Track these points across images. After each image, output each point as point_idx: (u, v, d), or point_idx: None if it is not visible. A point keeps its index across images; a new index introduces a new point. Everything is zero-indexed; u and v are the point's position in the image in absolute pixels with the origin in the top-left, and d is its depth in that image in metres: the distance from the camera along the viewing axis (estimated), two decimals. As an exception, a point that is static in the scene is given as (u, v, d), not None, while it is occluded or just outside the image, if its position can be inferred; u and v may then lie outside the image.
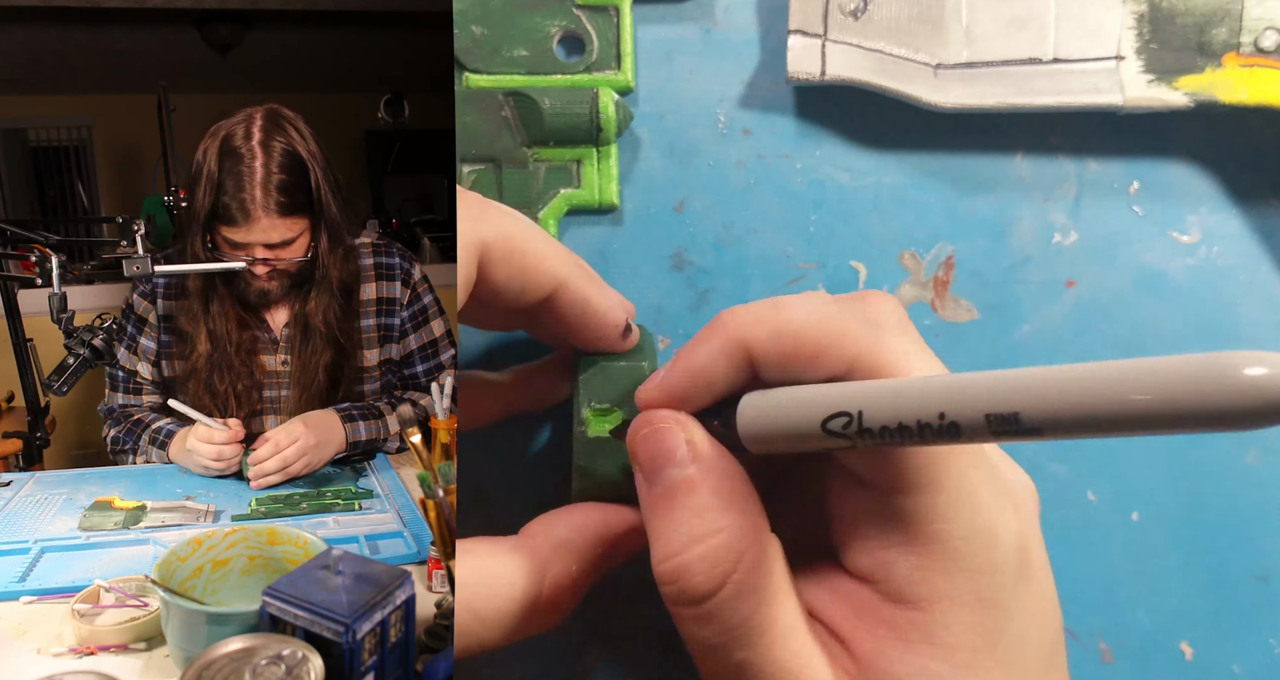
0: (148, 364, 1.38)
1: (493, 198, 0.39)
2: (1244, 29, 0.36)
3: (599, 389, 0.34)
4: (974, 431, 0.22)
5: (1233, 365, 0.19)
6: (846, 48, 0.38)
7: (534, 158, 0.39)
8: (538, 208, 0.39)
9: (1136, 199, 0.38)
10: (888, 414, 0.24)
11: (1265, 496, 0.38)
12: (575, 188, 0.39)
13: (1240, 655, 0.38)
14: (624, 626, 0.39)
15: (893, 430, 0.24)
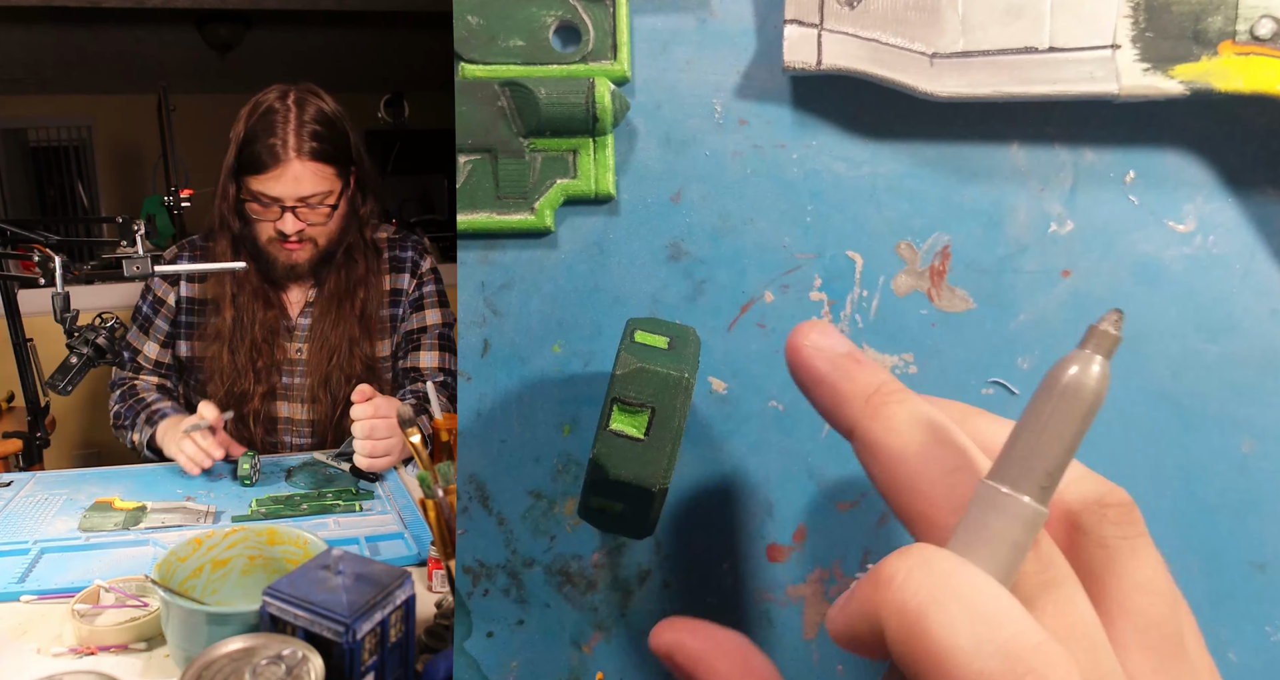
0: (155, 345, 1.39)
1: (489, 188, 0.39)
2: (1240, 17, 0.36)
3: (632, 388, 0.33)
4: None
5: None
6: (842, 37, 0.37)
7: (530, 148, 0.39)
8: (534, 198, 0.39)
9: (1132, 188, 0.38)
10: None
11: (1261, 485, 0.38)
12: (572, 178, 0.39)
13: (1236, 643, 0.38)
14: (623, 617, 0.39)
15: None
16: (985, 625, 0.21)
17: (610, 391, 0.33)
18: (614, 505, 0.34)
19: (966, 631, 0.21)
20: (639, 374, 0.33)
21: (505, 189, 0.38)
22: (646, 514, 0.34)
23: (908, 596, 0.22)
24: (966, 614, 0.22)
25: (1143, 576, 0.26)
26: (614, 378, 0.33)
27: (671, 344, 0.34)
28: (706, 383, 0.39)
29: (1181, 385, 0.38)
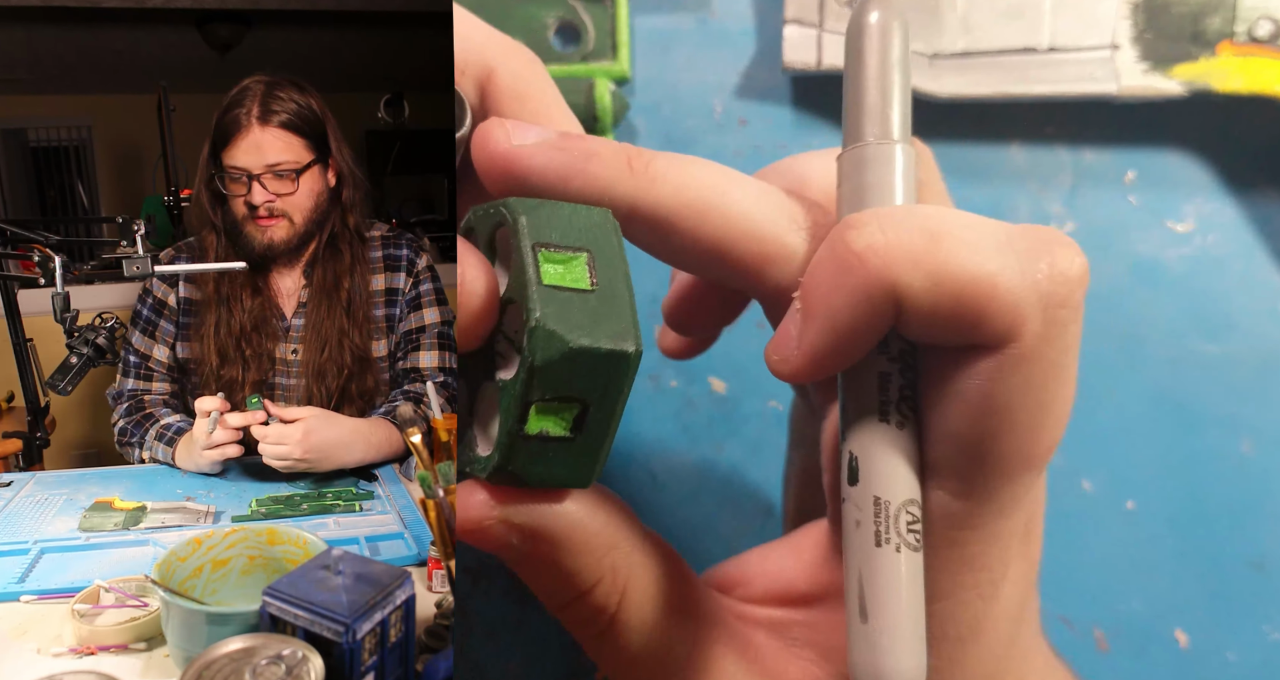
0: (165, 348, 1.38)
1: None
2: (1238, 18, 0.36)
3: (556, 383, 0.23)
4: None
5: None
6: (842, 37, 0.38)
7: (530, 148, 0.38)
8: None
9: (1132, 188, 0.38)
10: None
11: (1260, 485, 0.38)
12: (571, 179, 0.39)
13: (1235, 642, 0.38)
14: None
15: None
16: (986, 231, 0.22)
17: (525, 389, 0.22)
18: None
19: (976, 242, 0.22)
20: (568, 361, 0.22)
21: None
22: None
23: (907, 248, 0.22)
24: (968, 231, 0.22)
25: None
26: (531, 367, 0.22)
27: (592, 269, 0.24)
28: (706, 383, 0.39)
29: (1181, 385, 0.38)
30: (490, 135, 0.25)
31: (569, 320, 0.22)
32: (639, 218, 0.25)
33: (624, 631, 0.26)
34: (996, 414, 0.22)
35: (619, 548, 0.26)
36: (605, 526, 0.26)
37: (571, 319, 0.22)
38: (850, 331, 0.22)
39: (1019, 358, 0.22)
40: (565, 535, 0.25)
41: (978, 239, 0.22)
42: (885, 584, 0.23)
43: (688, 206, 0.25)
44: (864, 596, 0.24)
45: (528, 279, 0.22)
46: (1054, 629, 0.35)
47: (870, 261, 0.22)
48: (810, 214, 0.25)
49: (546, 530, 0.25)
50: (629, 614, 0.26)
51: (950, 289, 0.21)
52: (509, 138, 0.24)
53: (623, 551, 0.26)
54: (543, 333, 0.22)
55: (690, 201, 0.25)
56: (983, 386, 0.22)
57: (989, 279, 0.21)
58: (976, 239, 0.22)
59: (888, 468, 0.24)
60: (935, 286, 0.21)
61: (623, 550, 0.26)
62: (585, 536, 0.25)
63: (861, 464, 0.24)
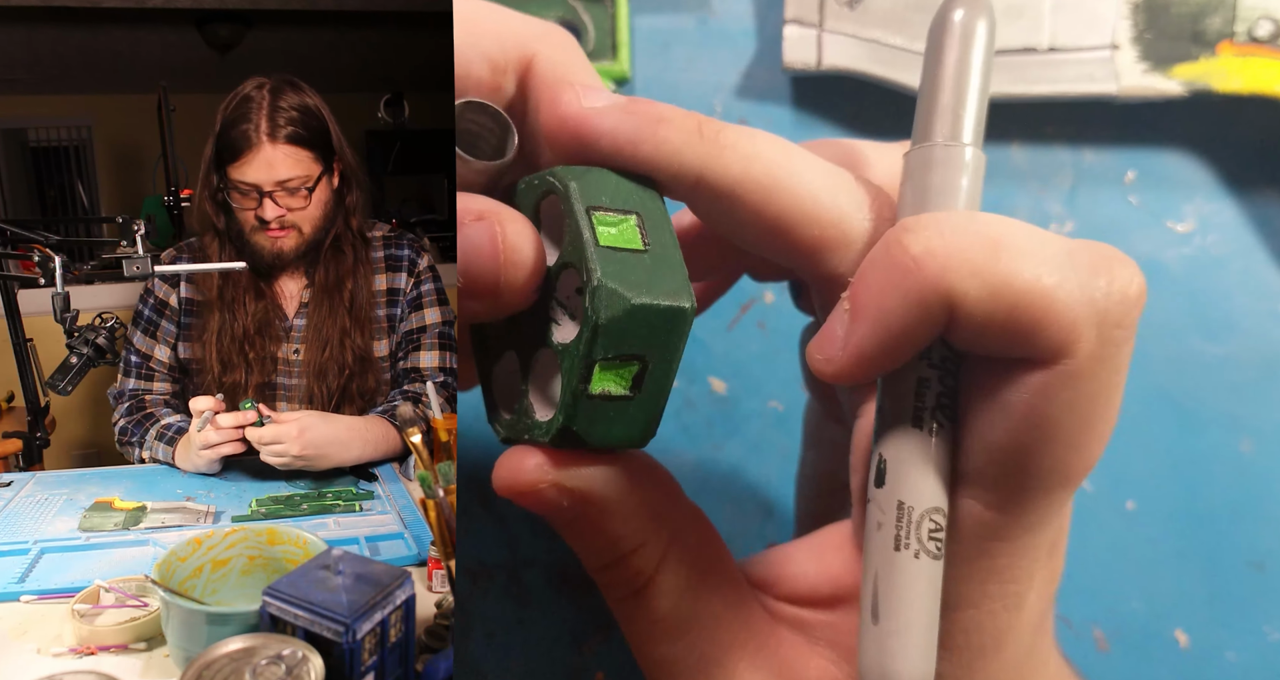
0: (166, 348, 1.38)
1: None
2: (1238, 18, 0.36)
3: (622, 338, 0.23)
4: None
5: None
6: (842, 37, 0.38)
7: (530, 148, 0.38)
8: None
9: (1132, 188, 0.38)
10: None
11: (1260, 484, 0.38)
12: (571, 179, 0.39)
13: (1235, 642, 0.38)
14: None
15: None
16: (1048, 244, 0.22)
17: (589, 349, 0.23)
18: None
19: (1037, 254, 0.21)
20: (630, 318, 0.23)
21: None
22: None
23: (966, 255, 0.21)
24: (1029, 242, 0.21)
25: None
26: (595, 326, 0.23)
27: (643, 230, 0.24)
28: (706, 383, 0.39)
29: (1181, 385, 0.38)
30: (561, 98, 0.25)
31: (627, 279, 0.23)
32: (705, 186, 0.24)
33: (656, 595, 0.26)
34: (1040, 429, 0.22)
35: (664, 515, 0.26)
36: (653, 493, 0.26)
37: (630, 277, 0.23)
38: (899, 336, 0.22)
39: (1070, 374, 0.21)
40: (617, 500, 0.25)
41: (1038, 250, 0.21)
42: (900, 588, 0.23)
43: (755, 180, 0.24)
44: (878, 598, 0.24)
45: (585, 241, 0.23)
46: (1054, 629, 0.35)
47: (927, 266, 0.21)
48: (877, 202, 0.25)
49: (598, 495, 0.25)
50: (664, 579, 0.26)
51: (1007, 300, 0.21)
52: (580, 100, 0.24)
53: (667, 519, 0.26)
54: (605, 291, 0.23)
55: (759, 175, 0.24)
56: (1029, 401, 0.22)
57: (1047, 292, 0.21)
58: (1037, 250, 0.21)
59: (915, 473, 0.23)
60: (991, 296, 0.21)
61: (668, 518, 0.26)
62: (635, 503, 0.25)
63: (890, 468, 0.24)
